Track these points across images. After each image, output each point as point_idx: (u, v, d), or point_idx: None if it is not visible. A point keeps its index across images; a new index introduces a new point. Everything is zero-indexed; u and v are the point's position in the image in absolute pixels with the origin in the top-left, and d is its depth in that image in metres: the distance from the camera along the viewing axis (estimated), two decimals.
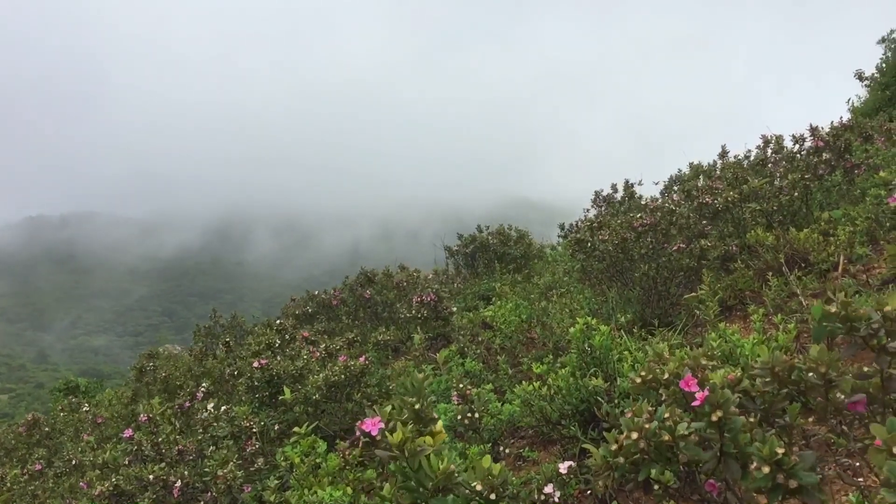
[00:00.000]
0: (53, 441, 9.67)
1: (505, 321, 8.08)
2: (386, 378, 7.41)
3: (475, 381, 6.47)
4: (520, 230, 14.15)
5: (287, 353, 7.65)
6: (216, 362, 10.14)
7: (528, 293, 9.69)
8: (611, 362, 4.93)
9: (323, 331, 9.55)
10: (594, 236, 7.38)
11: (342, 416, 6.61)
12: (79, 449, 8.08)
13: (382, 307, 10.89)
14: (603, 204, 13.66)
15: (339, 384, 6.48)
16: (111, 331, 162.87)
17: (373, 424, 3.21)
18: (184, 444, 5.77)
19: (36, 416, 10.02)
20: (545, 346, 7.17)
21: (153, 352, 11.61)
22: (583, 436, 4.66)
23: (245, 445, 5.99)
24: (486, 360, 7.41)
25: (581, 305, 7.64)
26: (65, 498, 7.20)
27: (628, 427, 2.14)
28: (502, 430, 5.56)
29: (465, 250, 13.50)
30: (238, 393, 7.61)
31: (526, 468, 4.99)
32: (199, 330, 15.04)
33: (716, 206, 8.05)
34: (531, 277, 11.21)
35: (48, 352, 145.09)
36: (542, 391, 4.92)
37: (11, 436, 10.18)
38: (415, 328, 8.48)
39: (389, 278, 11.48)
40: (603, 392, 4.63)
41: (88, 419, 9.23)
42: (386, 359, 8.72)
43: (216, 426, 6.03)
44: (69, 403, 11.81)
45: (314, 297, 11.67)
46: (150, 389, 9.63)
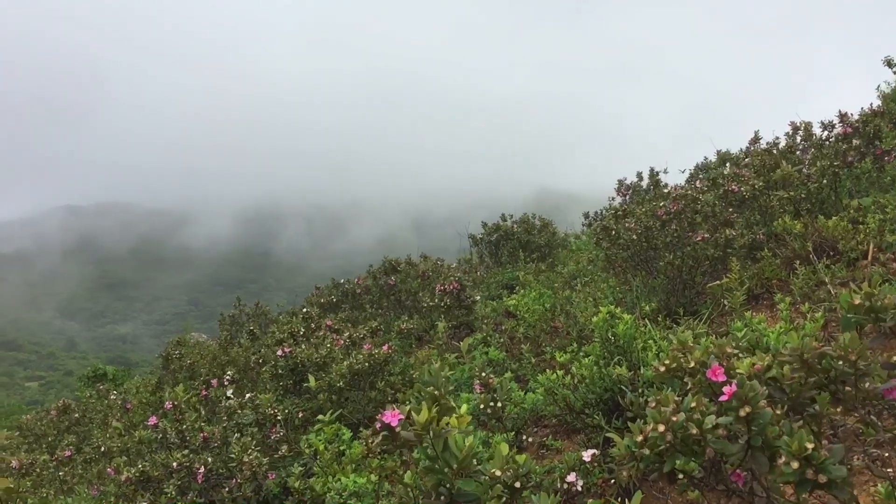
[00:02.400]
0: (82, 428, 9.81)
1: (528, 310, 8.05)
2: (409, 367, 7.42)
3: (498, 369, 6.46)
4: (544, 219, 14.08)
5: (311, 342, 7.68)
6: (241, 350, 10.22)
7: (551, 282, 9.65)
8: (635, 351, 4.89)
9: (347, 319, 9.58)
10: (618, 224, 7.32)
11: (365, 405, 6.64)
12: (107, 435, 8.18)
13: (406, 296, 10.90)
14: (628, 192, 13.57)
15: (363, 372, 6.50)
16: (138, 319, 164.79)
17: (392, 416, 3.22)
18: (209, 431, 5.82)
19: (66, 403, 10.16)
20: (569, 335, 7.14)
21: (180, 340, 11.73)
22: (606, 425, 4.63)
23: (269, 433, 6.03)
24: (509, 348, 7.39)
25: (605, 294, 7.59)
26: (92, 484, 7.30)
27: (654, 419, 2.12)
28: (525, 418, 5.55)
29: (490, 239, 13.47)
30: (262, 381, 7.67)
31: (549, 457, 4.98)
32: (224, 319, 15.18)
33: (742, 194, 7.95)
34: (555, 266, 11.17)
35: (77, 340, 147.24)
36: (566, 380, 4.90)
37: (42, 422, 10.34)
38: (438, 317, 8.48)
39: (413, 267, 11.49)
40: (627, 381, 4.60)
41: (117, 405, 9.35)
42: (409, 347, 8.74)
43: (240, 414, 6.07)
44: (97, 391, 11.97)
45: (339, 285, 11.71)
46: (176, 377, 9.73)
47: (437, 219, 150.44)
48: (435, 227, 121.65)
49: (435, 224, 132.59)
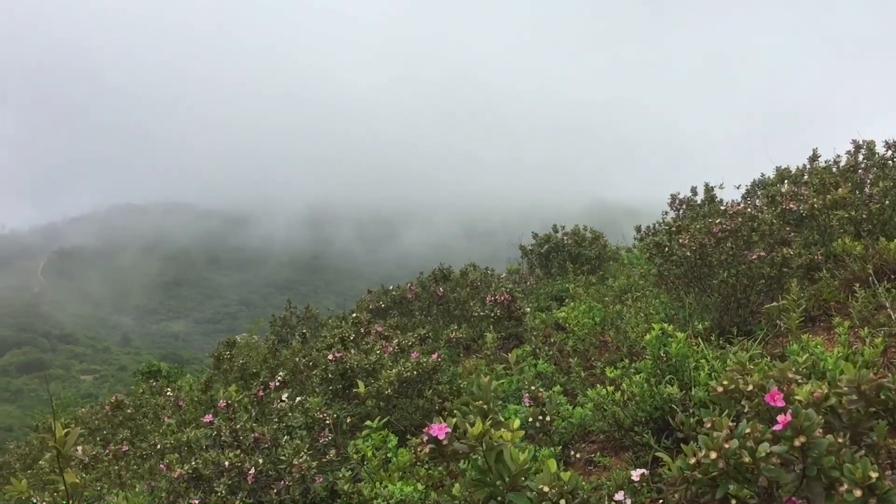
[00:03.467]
0: (136, 423, 10.03)
1: (578, 323, 8.01)
2: (457, 376, 7.44)
3: (546, 382, 6.44)
4: (595, 231, 14.00)
5: (361, 348, 7.76)
6: (291, 353, 10.37)
7: (601, 295, 9.59)
8: (687, 370, 4.84)
9: (396, 326, 9.65)
10: (672, 240, 7.24)
11: (413, 412, 6.68)
12: (159, 432, 8.37)
13: (455, 305, 10.93)
14: (681, 207, 13.40)
15: (411, 380, 6.55)
16: (190, 317, 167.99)
17: (440, 430, 3.25)
18: (260, 432, 5.91)
19: (120, 398, 10.41)
20: (619, 351, 7.09)
21: (231, 340, 11.93)
22: (656, 444, 4.59)
23: (318, 436, 6.11)
24: (557, 361, 7.37)
25: (656, 310, 7.52)
26: (144, 479, 7.46)
27: (707, 446, 2.11)
28: (573, 433, 5.53)
29: (540, 250, 13.43)
30: (311, 384, 7.77)
31: (596, 473, 4.95)
32: (275, 320, 15.41)
33: (801, 213, 7.81)
34: (605, 279, 11.09)
35: (131, 336, 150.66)
36: (616, 396, 4.87)
37: (97, 416, 10.61)
38: (487, 327, 8.49)
39: (463, 276, 11.52)
40: (678, 400, 4.55)
41: (170, 402, 9.55)
42: (457, 356, 8.76)
43: (291, 416, 6.16)
44: (149, 387, 12.24)
45: (389, 291, 11.79)
46: (226, 377, 9.90)
47: (489, 227, 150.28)
48: (487, 234, 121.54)
49: (487, 232, 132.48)
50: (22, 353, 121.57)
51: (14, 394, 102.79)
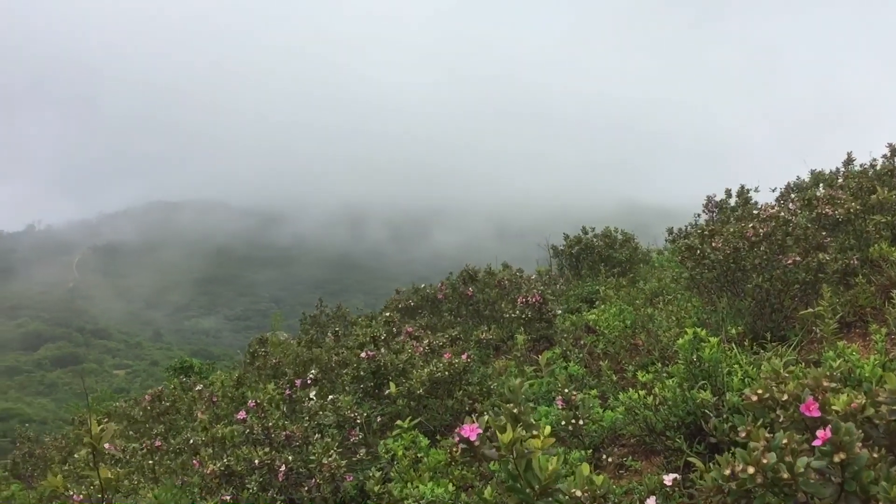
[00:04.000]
0: (169, 417, 10.17)
1: (608, 326, 7.98)
2: (487, 377, 7.45)
3: (577, 385, 6.43)
4: (626, 233, 13.93)
5: (392, 347, 7.81)
6: (322, 351, 10.44)
7: (632, 298, 9.54)
8: (720, 375, 4.81)
9: (425, 325, 9.69)
10: (705, 244, 7.19)
11: (443, 413, 6.71)
12: (192, 427, 8.47)
13: (484, 305, 10.94)
14: (715, 210, 13.30)
15: (442, 381, 6.58)
16: (220, 314, 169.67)
17: (471, 430, 3.26)
18: (291, 430, 5.97)
19: (159, 391, 10.56)
20: (650, 354, 7.05)
21: (263, 337, 12.05)
22: (688, 449, 4.57)
23: (348, 435, 6.15)
24: (588, 364, 7.35)
25: (688, 314, 7.47)
26: (177, 474, 7.57)
27: (745, 460, 2.10)
28: (603, 436, 5.52)
29: (570, 251, 13.38)
30: (342, 382, 7.83)
31: (627, 477, 4.94)
32: (306, 318, 15.54)
33: (836, 217, 7.71)
34: (636, 282, 11.03)
35: (162, 331, 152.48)
36: (648, 400, 4.86)
37: (139, 409, 10.78)
38: (518, 328, 8.49)
39: (492, 276, 11.52)
40: (711, 406, 4.53)
41: (204, 398, 9.67)
42: (487, 357, 8.77)
43: (322, 415, 6.21)
44: (181, 383, 12.40)
45: (418, 290, 11.82)
46: (259, 374, 10.00)
47: (520, 227, 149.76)
48: (518, 235, 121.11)
49: (518, 232, 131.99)
50: (56, 348, 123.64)
51: (48, 387, 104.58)
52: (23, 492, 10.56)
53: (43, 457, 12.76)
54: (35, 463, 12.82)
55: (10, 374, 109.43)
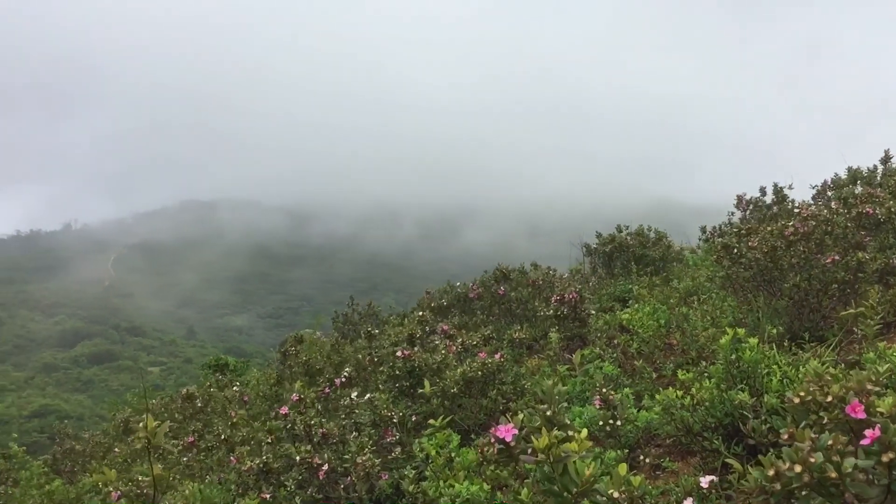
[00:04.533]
0: (204, 415, 10.30)
1: (642, 325, 7.94)
2: (520, 376, 7.45)
3: (611, 385, 6.41)
4: (659, 231, 13.84)
5: (425, 346, 7.84)
6: (354, 349, 10.51)
7: (666, 297, 9.48)
8: (758, 376, 4.77)
9: (457, 325, 9.70)
10: (741, 242, 7.12)
11: (477, 412, 6.71)
12: (227, 424, 8.58)
13: (517, 304, 10.93)
14: (748, 208, 13.16)
15: (476, 380, 6.59)
16: (253, 312, 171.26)
17: (506, 431, 3.27)
18: (328, 428, 6.02)
19: (191, 391, 10.70)
20: (685, 354, 7.00)
21: (298, 336, 12.15)
22: (726, 450, 4.54)
23: (384, 433, 6.19)
24: (622, 364, 7.31)
25: (724, 314, 7.40)
26: (213, 471, 7.66)
27: (791, 458, 2.08)
28: (638, 436, 5.49)
29: (604, 250, 13.32)
30: (375, 381, 7.87)
31: (663, 478, 4.92)
32: (338, 317, 15.63)
33: (877, 217, 7.59)
34: (669, 281, 10.95)
35: (196, 329, 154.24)
36: (685, 401, 4.83)
37: (174, 407, 10.93)
38: (551, 327, 8.47)
39: (524, 275, 11.50)
40: (749, 407, 4.49)
41: (237, 397, 9.78)
42: (520, 357, 8.76)
43: (358, 413, 6.26)
44: (217, 381, 12.55)
45: (451, 289, 11.83)
46: (292, 372, 10.08)
47: (552, 225, 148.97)
48: (550, 233, 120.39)
49: (550, 230, 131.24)
50: (93, 345, 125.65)
51: (85, 384, 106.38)
52: (63, 487, 10.75)
53: (82, 453, 12.97)
54: (74, 459, 13.03)
55: (48, 371, 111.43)
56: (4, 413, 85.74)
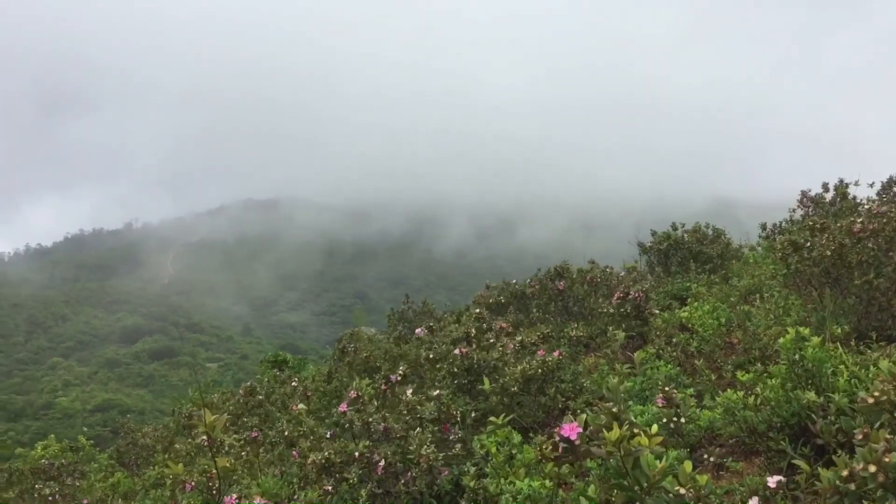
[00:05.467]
0: (265, 410, 10.49)
1: (702, 324, 7.85)
2: (578, 375, 7.43)
3: (672, 384, 6.35)
4: (717, 229, 13.65)
5: (482, 344, 7.86)
6: (410, 347, 10.60)
7: (726, 295, 9.34)
8: (825, 376, 4.68)
9: (514, 322, 9.71)
10: (814, 238, 6.98)
11: (535, 410, 6.73)
12: (287, 419, 8.73)
13: (574, 302, 10.89)
14: (811, 205, 12.88)
15: (535, 378, 6.60)
16: (307, 309, 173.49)
17: (571, 430, 3.28)
18: (390, 423, 6.09)
19: (252, 385, 10.91)
20: (747, 353, 6.90)
21: (353, 333, 12.29)
22: (792, 451, 4.47)
23: (445, 430, 6.23)
24: (682, 363, 7.24)
25: (788, 312, 7.27)
26: (274, 465, 7.81)
27: (865, 459, 2.06)
28: (700, 436, 5.44)
29: (659, 247, 13.18)
30: (431, 378, 7.93)
31: (727, 478, 4.86)
32: (393, 314, 15.76)
33: None
34: (729, 279, 10.79)
35: (252, 326, 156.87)
36: (749, 400, 4.77)
37: (229, 403, 11.16)
38: (611, 325, 8.43)
39: (581, 273, 11.46)
40: (816, 407, 4.41)
41: (298, 392, 9.94)
42: (577, 355, 8.73)
43: (421, 409, 6.31)
44: (276, 376, 12.77)
45: (508, 286, 11.85)
46: (350, 368, 10.21)
47: (608, 221, 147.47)
48: (605, 229, 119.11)
49: (606, 226, 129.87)
50: (153, 341, 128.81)
51: (146, 379, 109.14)
52: (127, 479, 11.06)
53: (145, 446, 13.32)
54: (138, 452, 13.39)
55: (111, 367, 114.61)
56: (69, 407, 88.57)
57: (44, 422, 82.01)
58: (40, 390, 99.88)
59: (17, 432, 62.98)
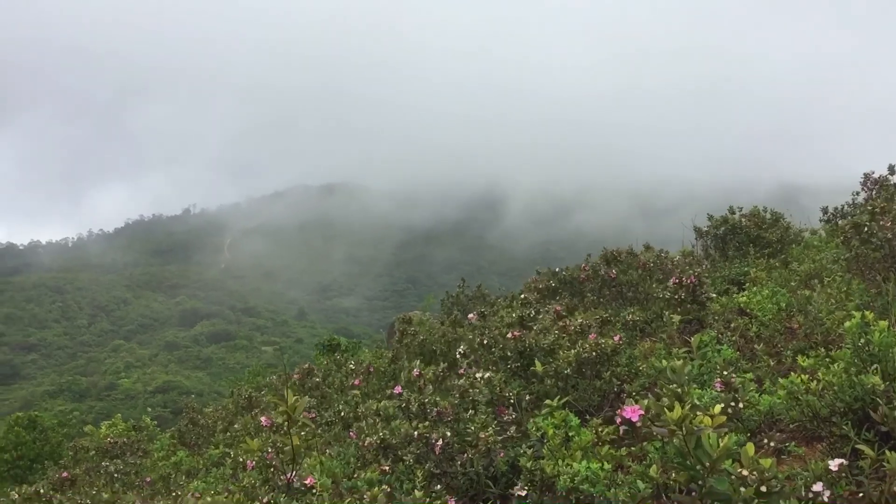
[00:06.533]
0: (321, 392, 10.68)
1: (761, 308, 7.73)
2: (634, 358, 7.39)
3: (731, 369, 6.29)
4: (776, 212, 13.40)
5: (535, 327, 7.87)
6: (466, 330, 10.65)
7: (786, 280, 9.18)
8: (890, 361, 4.59)
9: (567, 307, 9.69)
10: (874, 221, 6.82)
11: (591, 394, 6.72)
12: (344, 401, 8.87)
13: (627, 287, 10.81)
14: (874, 188, 12.54)
15: (590, 361, 6.59)
16: (360, 294, 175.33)
17: (632, 412, 3.29)
18: (444, 405, 6.16)
19: (310, 367, 11.10)
20: (808, 338, 6.78)
21: (407, 316, 12.40)
22: (855, 436, 4.40)
23: (499, 412, 6.28)
24: (740, 347, 7.15)
25: (851, 297, 7.12)
26: (331, 445, 7.95)
27: None
28: (759, 421, 5.38)
29: (716, 232, 12.99)
30: (486, 362, 7.98)
31: (789, 463, 4.81)
32: (448, 298, 15.85)
33: None
34: (789, 263, 10.59)
35: (306, 310, 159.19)
36: (811, 385, 4.70)
37: (288, 384, 11.39)
38: (666, 309, 8.36)
39: (634, 258, 11.36)
40: (881, 392, 4.33)
41: (357, 373, 10.08)
42: (632, 339, 8.69)
43: (474, 392, 6.37)
44: (334, 360, 12.97)
45: (559, 272, 11.81)
46: (408, 352, 10.32)
47: (669, 206, 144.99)
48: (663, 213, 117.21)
49: (666, 211, 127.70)
50: (211, 324, 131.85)
51: (204, 361, 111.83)
52: (189, 458, 11.38)
53: (206, 426, 13.67)
54: (199, 432, 13.74)
55: (170, 349, 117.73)
56: (131, 388, 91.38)
57: (107, 402, 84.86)
58: (103, 372, 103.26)
59: (82, 412, 65.28)
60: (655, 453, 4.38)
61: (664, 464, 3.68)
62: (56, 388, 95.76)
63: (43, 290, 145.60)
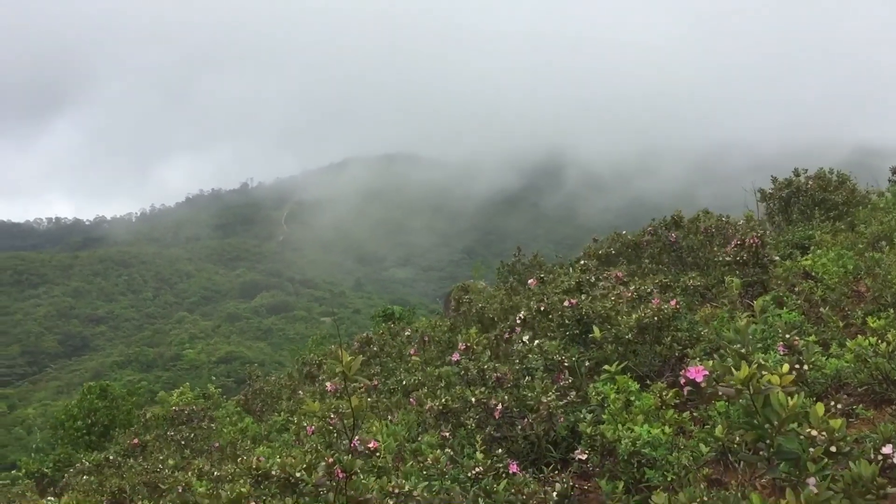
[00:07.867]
0: (380, 360, 10.83)
1: (827, 271, 7.55)
2: (695, 323, 7.31)
3: (795, 332, 6.17)
4: (842, 174, 12.98)
5: (594, 293, 7.83)
6: (522, 298, 10.65)
7: (852, 243, 8.93)
8: None
9: (626, 272, 9.61)
10: None
11: (651, 358, 6.67)
12: (404, 369, 8.99)
13: (688, 252, 10.66)
14: None
15: (650, 326, 6.54)
16: (416, 265, 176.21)
17: (697, 372, 3.26)
18: (501, 371, 6.19)
19: (368, 336, 11.25)
20: (877, 301, 6.60)
21: (465, 285, 12.44)
22: None
23: (557, 378, 6.29)
24: (805, 311, 7.00)
25: None
26: (392, 411, 8.08)
27: None
28: (826, 384, 5.28)
29: (780, 194, 12.67)
30: (544, 328, 7.97)
31: (857, 426, 4.72)
32: (504, 267, 15.83)
33: None
34: (855, 226, 10.29)
35: (363, 281, 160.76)
36: (881, 347, 4.59)
37: (351, 352, 11.59)
38: (728, 273, 8.22)
39: (696, 223, 11.18)
40: None
41: (415, 341, 10.18)
42: (693, 304, 8.57)
43: (530, 358, 6.39)
44: (389, 329, 13.11)
45: (619, 237, 11.69)
46: (466, 319, 10.38)
47: (730, 171, 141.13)
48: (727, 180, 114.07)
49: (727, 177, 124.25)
50: (270, 296, 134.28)
51: (264, 332, 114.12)
52: (254, 424, 11.67)
53: (270, 394, 14.00)
54: (263, 399, 14.09)
55: (232, 321, 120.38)
56: (195, 359, 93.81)
57: (173, 372, 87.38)
58: (168, 343, 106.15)
59: (149, 382, 67.35)
60: (719, 417, 4.35)
61: (728, 425, 3.64)
62: (124, 358, 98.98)
63: (109, 265, 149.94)
